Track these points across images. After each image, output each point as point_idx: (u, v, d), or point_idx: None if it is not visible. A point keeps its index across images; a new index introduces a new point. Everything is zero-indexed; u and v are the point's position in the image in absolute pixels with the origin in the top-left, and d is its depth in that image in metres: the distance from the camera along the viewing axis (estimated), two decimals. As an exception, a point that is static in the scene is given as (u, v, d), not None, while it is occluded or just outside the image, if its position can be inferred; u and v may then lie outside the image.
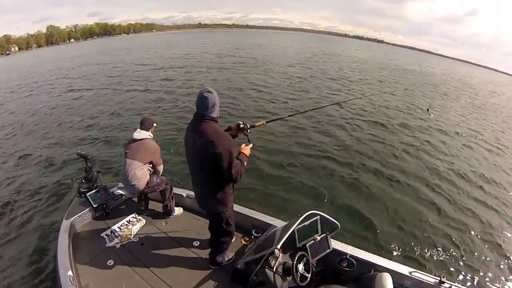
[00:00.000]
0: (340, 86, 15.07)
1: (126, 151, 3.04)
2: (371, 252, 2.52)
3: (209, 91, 2.01)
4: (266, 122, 2.67)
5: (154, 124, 3.26)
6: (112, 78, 16.52)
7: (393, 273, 2.22)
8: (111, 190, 3.48)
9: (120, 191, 3.59)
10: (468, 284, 3.52)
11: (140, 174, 2.99)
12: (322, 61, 26.57)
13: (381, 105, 11.91)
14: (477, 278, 3.60)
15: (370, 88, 15.69)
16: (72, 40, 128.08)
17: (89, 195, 3.25)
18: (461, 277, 3.59)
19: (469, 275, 3.62)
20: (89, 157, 3.49)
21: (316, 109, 8.15)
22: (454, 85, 24.05)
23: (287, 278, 2.19)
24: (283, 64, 22.10)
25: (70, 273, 2.37)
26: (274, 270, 2.16)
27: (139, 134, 3.06)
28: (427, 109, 11.40)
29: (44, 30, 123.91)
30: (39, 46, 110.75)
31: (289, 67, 20.29)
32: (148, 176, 3.08)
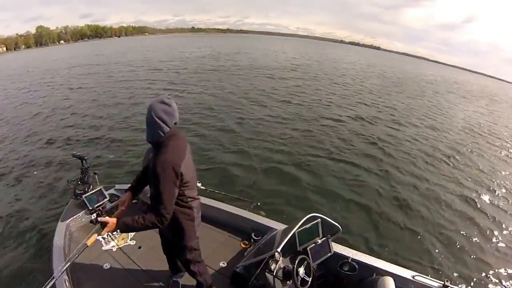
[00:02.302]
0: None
1: None
2: (373, 256, 2.48)
3: (170, 97, 1.80)
4: None
5: None
6: (108, 78, 16.55)
7: (395, 277, 2.18)
8: (107, 192, 3.40)
9: (117, 193, 3.52)
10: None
11: None
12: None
13: (386, 110, 12.13)
14: (482, 283, 3.57)
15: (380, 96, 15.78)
16: (62, 41, 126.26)
17: (85, 197, 3.18)
18: (465, 281, 3.54)
19: (474, 280, 3.58)
20: (85, 158, 3.41)
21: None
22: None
23: (288, 282, 2.15)
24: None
25: (65, 276, 2.31)
26: (274, 274, 2.12)
27: None
28: None
29: (34, 31, 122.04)
30: (28, 47, 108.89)
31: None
32: None
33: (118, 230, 1.71)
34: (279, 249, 2.07)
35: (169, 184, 1.62)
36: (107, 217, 1.72)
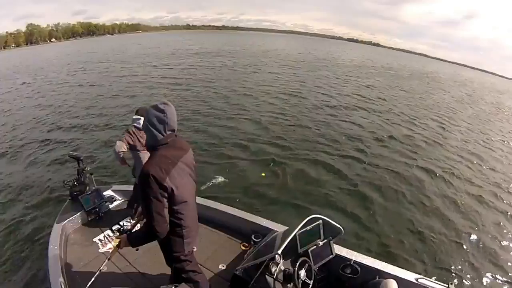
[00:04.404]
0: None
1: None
2: (376, 258, 2.44)
3: (167, 103, 1.68)
4: None
5: None
6: (103, 77, 16.53)
7: (399, 280, 2.15)
8: (104, 193, 3.38)
9: (114, 194, 3.47)
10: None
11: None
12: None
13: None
14: (486, 286, 3.52)
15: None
16: (54, 39, 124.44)
17: (81, 198, 3.15)
18: (469, 285, 3.49)
19: (478, 283, 3.53)
20: (82, 158, 3.38)
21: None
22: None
23: (288, 285, 2.10)
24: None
25: (61, 279, 2.28)
26: (275, 276, 2.08)
27: (141, 120, 2.82)
28: None
29: (24, 29, 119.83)
30: (18, 45, 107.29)
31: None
32: None
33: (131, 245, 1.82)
34: (279, 252, 2.03)
35: (150, 197, 1.54)
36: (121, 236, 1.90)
